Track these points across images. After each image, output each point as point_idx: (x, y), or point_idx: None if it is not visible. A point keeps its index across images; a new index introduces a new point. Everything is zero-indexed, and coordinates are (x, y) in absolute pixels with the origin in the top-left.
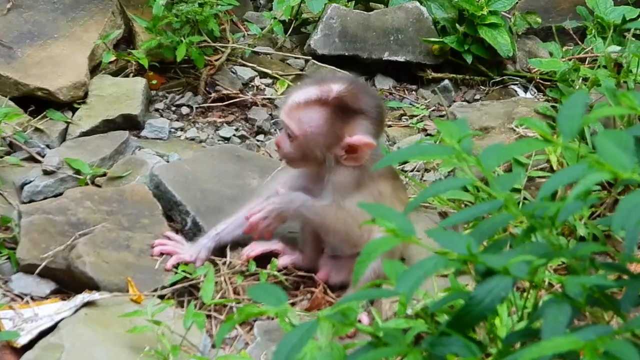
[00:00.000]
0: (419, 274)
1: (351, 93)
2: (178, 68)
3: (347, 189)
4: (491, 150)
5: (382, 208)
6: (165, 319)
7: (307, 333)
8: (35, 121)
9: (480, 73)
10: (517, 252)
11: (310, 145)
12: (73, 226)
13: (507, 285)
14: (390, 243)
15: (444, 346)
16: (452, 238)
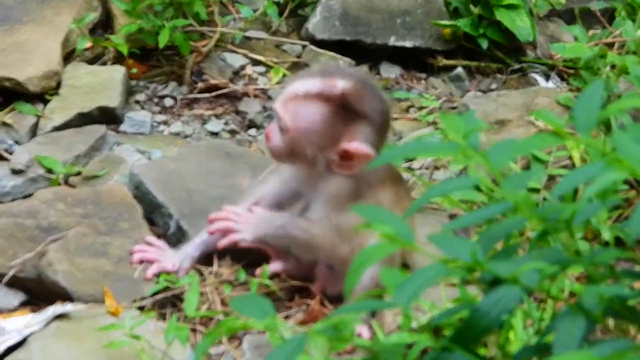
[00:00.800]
0: (418, 283)
1: (358, 92)
2: (161, 55)
3: (342, 200)
4: (500, 147)
5: (378, 211)
6: (145, 332)
7: (296, 348)
8: (1, 115)
9: (497, 60)
10: (528, 259)
11: (302, 142)
12: (44, 231)
13: (516, 296)
14: (386, 249)
15: None
16: (455, 244)
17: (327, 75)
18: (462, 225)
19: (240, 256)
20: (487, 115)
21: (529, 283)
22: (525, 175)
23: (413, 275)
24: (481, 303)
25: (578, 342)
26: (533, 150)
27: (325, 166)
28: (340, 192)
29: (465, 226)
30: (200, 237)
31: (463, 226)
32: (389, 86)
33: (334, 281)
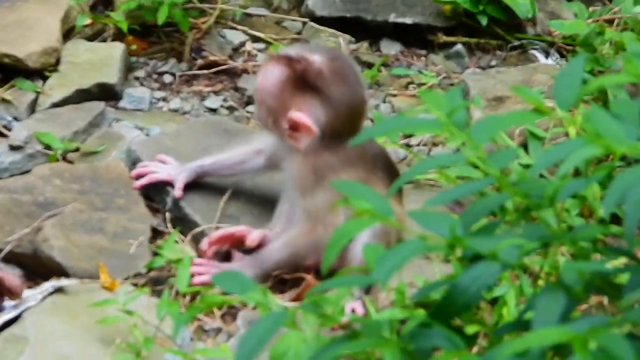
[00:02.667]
0: (397, 259)
1: (325, 70)
2: (161, 32)
3: (306, 181)
4: (483, 123)
5: (358, 186)
6: (139, 308)
7: (275, 324)
8: (1, 91)
9: (497, 36)
10: (508, 236)
11: (260, 102)
12: (40, 207)
13: (495, 272)
14: (363, 224)
15: (425, 338)
16: (435, 219)
17: (308, 49)
18: (441, 201)
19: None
20: (485, 91)
21: (508, 259)
22: (509, 152)
23: (391, 250)
24: (460, 279)
25: (557, 318)
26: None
27: (281, 135)
28: (302, 174)
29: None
30: (201, 161)
31: (442, 202)
32: (389, 63)
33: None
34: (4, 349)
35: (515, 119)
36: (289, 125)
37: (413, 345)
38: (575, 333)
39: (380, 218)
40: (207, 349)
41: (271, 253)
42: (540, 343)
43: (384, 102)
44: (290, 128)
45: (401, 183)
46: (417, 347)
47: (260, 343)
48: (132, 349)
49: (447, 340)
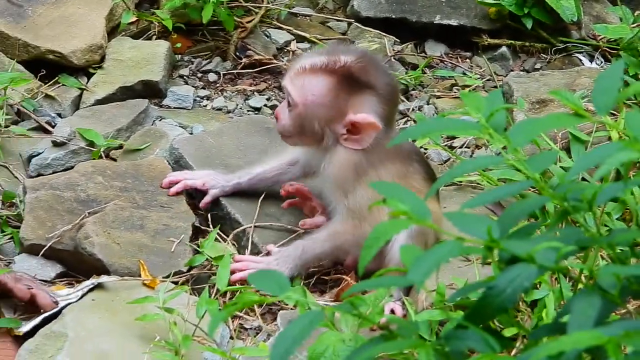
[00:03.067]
0: (433, 261)
1: (362, 64)
2: (206, 30)
3: (347, 181)
4: (521, 127)
5: (395, 188)
6: (179, 306)
7: (311, 325)
8: (46, 87)
9: (542, 39)
10: (545, 238)
11: (309, 116)
12: (82, 203)
13: (531, 275)
14: (400, 226)
15: (460, 340)
16: (472, 222)
17: (332, 51)
18: (478, 204)
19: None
20: (528, 94)
21: (544, 262)
22: (548, 155)
23: (428, 252)
24: (496, 281)
25: (592, 322)
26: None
27: (333, 141)
28: (343, 172)
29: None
30: (238, 174)
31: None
32: (434, 64)
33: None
34: (43, 346)
35: (553, 123)
36: (347, 129)
37: (449, 347)
38: (609, 337)
39: (417, 220)
40: (246, 348)
41: (313, 245)
42: (573, 346)
43: (427, 104)
44: (349, 131)
45: (439, 186)
46: (453, 349)
47: (295, 343)
48: (170, 347)
49: (483, 343)
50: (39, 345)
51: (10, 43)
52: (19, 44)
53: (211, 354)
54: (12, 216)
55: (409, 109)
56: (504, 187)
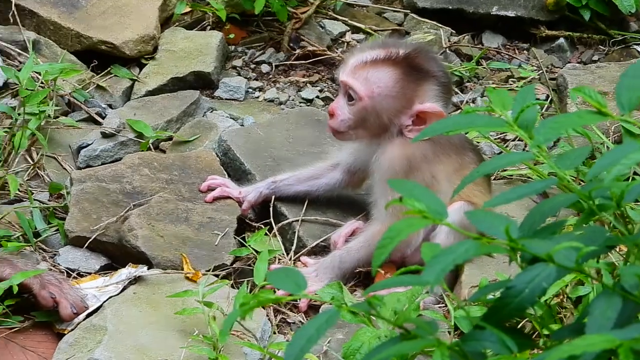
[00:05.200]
0: (448, 260)
1: (421, 53)
2: (260, 21)
3: (397, 174)
4: (547, 123)
5: (412, 186)
6: (220, 300)
7: (326, 323)
8: (97, 78)
9: (600, 31)
10: (566, 238)
11: (376, 109)
12: (127, 196)
13: (551, 275)
14: (416, 225)
15: (477, 341)
16: (492, 220)
17: (385, 44)
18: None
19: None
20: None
21: (564, 262)
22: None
23: (443, 252)
24: (514, 281)
25: (611, 323)
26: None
27: (396, 133)
28: (395, 167)
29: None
30: (273, 177)
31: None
32: (490, 56)
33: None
34: (83, 339)
35: (575, 121)
36: (414, 118)
37: (466, 347)
38: (621, 340)
39: (432, 220)
40: (284, 343)
41: (349, 253)
42: (585, 350)
43: (481, 96)
44: (415, 121)
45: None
46: (470, 349)
47: (310, 342)
48: (209, 341)
49: (500, 344)
50: (78, 338)
51: (63, 33)
52: (72, 34)
53: (250, 349)
54: (59, 208)
55: (462, 101)
56: (525, 186)
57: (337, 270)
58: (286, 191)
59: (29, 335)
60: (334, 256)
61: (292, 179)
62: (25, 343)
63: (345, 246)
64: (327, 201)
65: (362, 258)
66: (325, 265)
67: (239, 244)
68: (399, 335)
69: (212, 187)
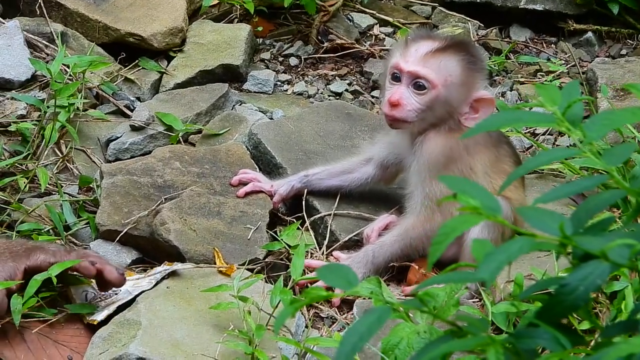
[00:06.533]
0: (502, 258)
1: (471, 43)
2: (288, 14)
3: (437, 166)
4: (598, 119)
5: (465, 182)
6: (255, 295)
7: (378, 321)
8: (125, 71)
9: (628, 25)
10: (619, 235)
11: (447, 98)
12: (159, 189)
13: (604, 272)
14: (470, 222)
15: (531, 338)
16: (544, 217)
17: (438, 35)
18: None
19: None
20: (612, 81)
21: (618, 259)
22: (626, 148)
23: (497, 249)
24: (568, 279)
25: None
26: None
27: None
28: (437, 155)
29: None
30: (305, 171)
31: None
32: (518, 49)
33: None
34: (117, 334)
35: (629, 117)
36: (473, 106)
37: (519, 345)
38: None
39: (487, 216)
40: (320, 338)
41: (382, 247)
42: None
43: (510, 90)
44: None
45: (516, 176)
46: (523, 347)
47: (362, 340)
48: (244, 336)
49: (553, 341)
50: (112, 333)
51: (91, 25)
52: (99, 26)
53: (285, 344)
54: (89, 201)
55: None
56: (576, 182)
57: (370, 265)
58: (318, 185)
59: (62, 330)
60: (367, 251)
61: (324, 173)
62: (57, 337)
63: (379, 240)
64: (359, 195)
65: (396, 252)
66: (358, 260)
67: (272, 238)
68: (449, 333)
69: (243, 181)
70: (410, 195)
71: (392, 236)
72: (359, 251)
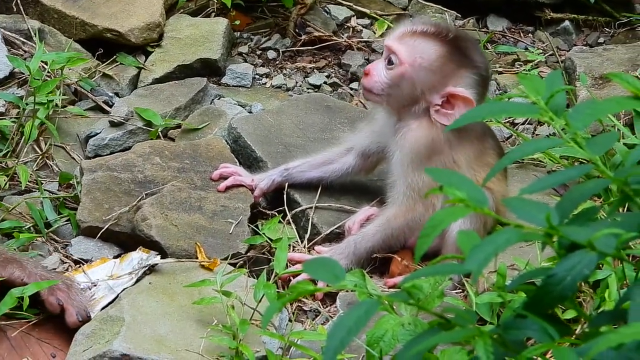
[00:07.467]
0: (490, 249)
1: (468, 41)
2: (265, 7)
3: (420, 156)
4: (581, 109)
5: (451, 175)
6: (237, 289)
7: (366, 315)
8: (103, 66)
9: (605, 13)
10: (605, 225)
11: (412, 79)
12: (139, 185)
13: (592, 262)
14: (458, 214)
15: (518, 330)
16: (530, 208)
17: (437, 23)
18: (539, 189)
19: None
20: (591, 70)
21: (604, 249)
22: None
23: (484, 241)
24: (555, 269)
25: None
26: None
27: (423, 111)
28: (419, 147)
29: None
30: (286, 164)
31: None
32: (495, 39)
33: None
34: (100, 330)
35: (613, 106)
36: (444, 100)
37: (507, 336)
38: None
39: (475, 208)
40: (304, 332)
41: (364, 238)
42: (634, 338)
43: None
44: (443, 103)
45: (500, 168)
46: (511, 338)
47: (350, 334)
48: (228, 331)
49: (541, 332)
50: (95, 329)
51: (68, 22)
52: (76, 22)
53: (269, 338)
54: (70, 198)
55: None
56: (561, 172)
57: (352, 257)
58: (299, 178)
59: (45, 328)
60: (349, 242)
61: (304, 165)
62: (40, 335)
63: (360, 232)
64: (340, 187)
65: (378, 243)
66: (340, 252)
67: (253, 232)
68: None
69: (224, 176)
70: (392, 185)
71: (373, 227)
72: (340, 243)
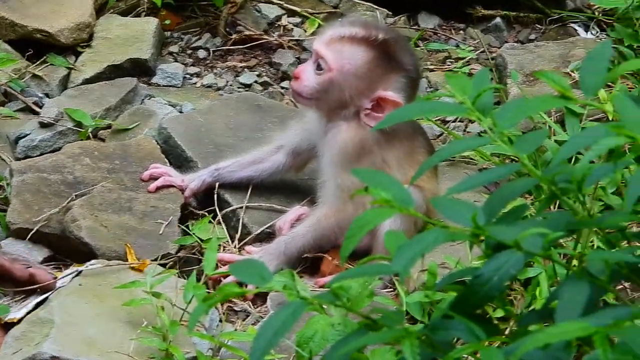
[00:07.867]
0: (416, 249)
1: (398, 43)
2: (196, 6)
3: (349, 156)
4: (508, 109)
5: (377, 175)
6: (167, 290)
7: (292, 316)
8: (33, 67)
9: (536, 10)
10: (533, 223)
11: (340, 85)
12: (69, 186)
13: (518, 262)
14: (383, 215)
15: (445, 330)
16: (458, 207)
17: (366, 24)
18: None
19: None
20: (522, 66)
21: (531, 248)
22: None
23: (411, 240)
24: (482, 269)
25: (580, 310)
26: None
27: (353, 114)
28: (348, 147)
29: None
30: (216, 164)
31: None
32: (427, 37)
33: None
34: (30, 332)
35: (540, 105)
36: (372, 104)
37: (434, 337)
38: (596, 327)
39: (400, 209)
40: (234, 332)
41: (295, 239)
42: (560, 338)
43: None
44: (373, 107)
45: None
46: (438, 339)
47: (277, 335)
48: (158, 332)
49: (468, 332)
50: (25, 332)
51: None
52: (6, 23)
53: (199, 339)
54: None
55: None
56: (491, 171)
57: (282, 257)
58: (229, 178)
59: None
60: (279, 242)
61: (235, 165)
62: None
63: (291, 232)
64: (271, 187)
65: (308, 243)
66: (270, 252)
67: (183, 232)
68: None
69: (154, 176)
70: (323, 185)
71: (304, 227)
72: (271, 243)
